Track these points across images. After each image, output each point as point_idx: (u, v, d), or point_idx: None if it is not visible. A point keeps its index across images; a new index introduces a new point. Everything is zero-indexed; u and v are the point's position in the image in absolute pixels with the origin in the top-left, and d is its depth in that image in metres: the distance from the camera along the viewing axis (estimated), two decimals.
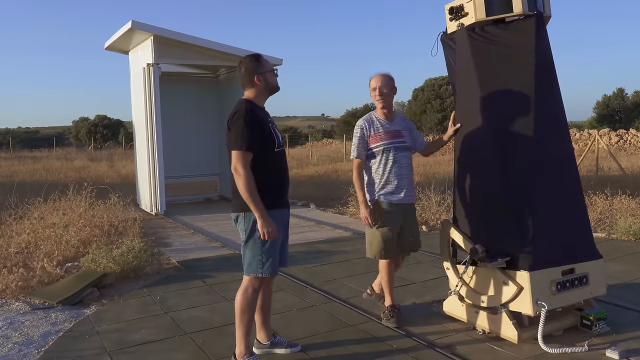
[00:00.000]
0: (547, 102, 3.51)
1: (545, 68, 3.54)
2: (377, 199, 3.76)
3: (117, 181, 14.42)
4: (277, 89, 3.22)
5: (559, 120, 3.58)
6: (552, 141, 3.50)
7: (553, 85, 3.57)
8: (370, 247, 3.80)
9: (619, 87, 44.37)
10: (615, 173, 13.72)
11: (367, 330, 3.75)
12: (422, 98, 41.21)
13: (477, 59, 3.64)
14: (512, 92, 3.52)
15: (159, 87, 9.05)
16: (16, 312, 4.33)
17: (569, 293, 3.41)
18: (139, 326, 3.94)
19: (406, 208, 3.81)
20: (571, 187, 3.56)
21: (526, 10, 3.51)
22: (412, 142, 3.89)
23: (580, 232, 3.57)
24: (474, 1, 3.60)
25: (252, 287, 3.11)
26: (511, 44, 3.57)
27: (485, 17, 3.60)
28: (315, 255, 6.03)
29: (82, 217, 6.98)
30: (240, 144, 2.95)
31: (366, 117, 3.83)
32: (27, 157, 28.00)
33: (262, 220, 2.95)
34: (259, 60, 3.14)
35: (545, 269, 3.32)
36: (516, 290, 3.31)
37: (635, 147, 26.19)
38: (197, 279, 5.17)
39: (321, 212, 9.27)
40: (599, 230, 6.93)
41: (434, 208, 8.19)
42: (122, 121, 55.19)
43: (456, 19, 3.75)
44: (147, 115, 9.16)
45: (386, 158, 3.73)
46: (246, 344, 3.13)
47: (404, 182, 3.78)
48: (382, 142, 3.73)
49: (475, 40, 3.67)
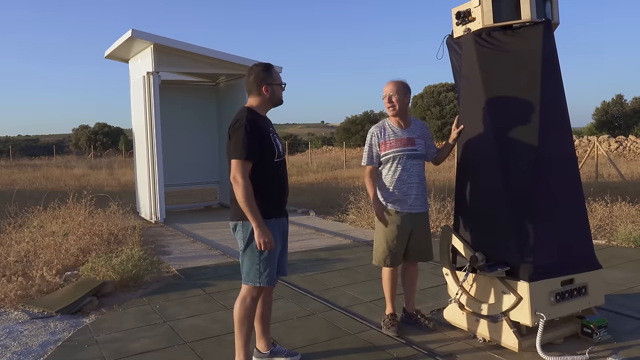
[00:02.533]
0: (553, 110, 3.50)
1: (552, 75, 3.52)
2: (387, 207, 3.74)
3: (117, 189, 14.42)
4: (280, 102, 3.23)
5: (565, 129, 3.56)
6: (556, 149, 3.48)
7: (559, 92, 3.55)
8: (376, 254, 3.81)
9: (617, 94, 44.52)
10: (615, 179, 13.73)
11: (367, 338, 3.74)
12: (422, 105, 41.24)
13: (483, 65, 3.61)
14: (518, 100, 3.49)
15: (158, 95, 9.08)
16: (15, 321, 4.31)
17: (568, 303, 3.40)
18: (138, 335, 3.92)
19: (416, 217, 3.75)
20: (574, 195, 3.55)
21: (534, 17, 3.47)
22: (424, 150, 3.81)
23: (581, 241, 3.55)
24: (482, 6, 3.56)
25: (251, 296, 3.10)
26: (518, 51, 3.54)
27: (493, 24, 3.57)
28: (315, 263, 6.02)
29: (82, 226, 6.97)
30: (240, 153, 2.95)
31: (379, 124, 3.82)
32: (27, 165, 28.00)
33: (259, 230, 2.95)
34: (269, 71, 3.15)
35: (545, 280, 3.30)
36: (515, 300, 3.30)
37: (635, 154, 26.21)
38: (196, 287, 5.16)
39: (321, 219, 9.27)
40: (599, 237, 6.92)
41: (433, 215, 8.19)
42: (122, 129, 55.24)
43: (463, 24, 3.72)
44: (146, 123, 9.18)
45: (396, 166, 3.70)
46: (245, 353, 3.12)
47: (413, 190, 3.72)
48: (392, 150, 3.70)
49: (482, 47, 3.64)
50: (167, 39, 8.99)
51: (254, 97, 3.17)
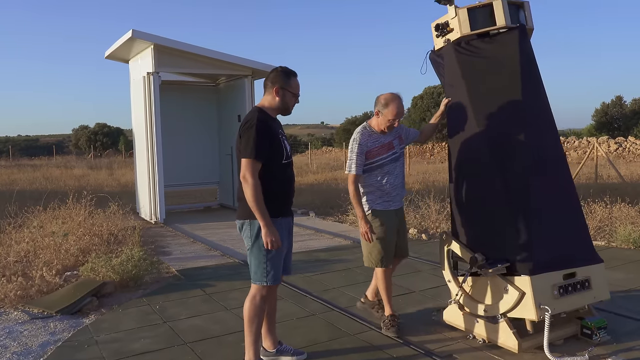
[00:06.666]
0: (536, 106, 3.63)
1: (531, 75, 3.67)
2: (374, 208, 3.79)
3: (117, 189, 14.42)
4: (288, 112, 3.24)
5: (548, 123, 3.69)
6: (544, 143, 3.59)
7: (539, 90, 3.70)
8: (370, 257, 3.82)
9: (617, 95, 44.45)
10: (615, 181, 13.73)
11: (366, 339, 3.74)
12: (422, 106, 41.29)
13: (465, 71, 3.77)
14: (501, 100, 3.63)
15: (159, 95, 9.08)
16: (15, 321, 4.31)
17: (573, 297, 3.40)
18: (138, 336, 3.92)
19: (399, 213, 3.94)
20: (566, 188, 3.63)
21: (509, 22, 3.65)
22: (403, 146, 3.98)
23: (579, 236, 3.59)
24: (459, 17, 3.75)
25: (260, 295, 3.13)
26: (497, 55, 3.73)
27: (470, 32, 3.75)
28: (314, 264, 6.02)
29: (82, 226, 6.97)
30: (250, 152, 2.97)
31: (362, 132, 3.81)
32: (26, 165, 27.99)
33: (267, 229, 2.97)
34: (288, 77, 3.16)
35: (546, 273, 3.32)
36: (518, 296, 3.30)
37: (634, 155, 26.24)
38: (196, 287, 5.16)
39: (321, 220, 9.27)
40: (599, 238, 6.92)
41: (433, 216, 8.20)
42: (122, 129, 55.21)
43: (442, 35, 3.91)
44: (147, 123, 9.18)
45: (382, 172, 3.78)
46: (255, 351, 3.15)
47: (398, 190, 3.88)
48: (378, 158, 3.78)
49: (461, 54, 3.81)
50: (167, 39, 8.99)
51: (266, 96, 3.19)
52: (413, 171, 19.68)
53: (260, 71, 9.86)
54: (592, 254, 3.60)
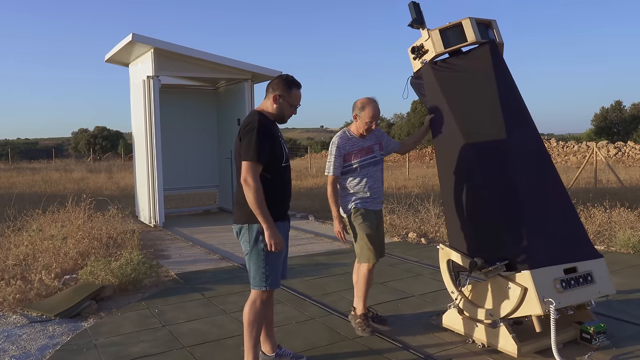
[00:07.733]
0: (514, 112, 3.81)
1: (505, 82, 3.90)
2: (354, 207, 3.90)
3: (116, 193, 14.42)
4: (283, 120, 3.25)
5: (526, 121, 3.88)
6: (523, 139, 3.76)
7: (516, 97, 3.91)
8: (362, 254, 3.90)
9: (616, 100, 44.60)
10: (614, 185, 13.75)
11: (365, 343, 3.74)
12: (421, 110, 41.33)
13: (444, 86, 4.00)
14: (480, 107, 3.83)
15: (158, 99, 9.09)
16: (13, 325, 4.31)
17: (577, 291, 3.40)
18: (137, 339, 3.92)
19: (378, 214, 4.05)
20: (556, 187, 3.71)
21: (479, 38, 3.95)
22: (383, 153, 4.07)
23: (575, 233, 3.63)
24: (432, 38, 4.05)
25: (260, 299, 3.14)
26: (471, 69, 3.98)
27: (444, 49, 4.02)
28: (314, 268, 6.02)
29: (81, 229, 6.97)
30: (252, 155, 2.97)
31: (342, 135, 3.96)
32: (26, 169, 27.98)
33: (270, 231, 2.98)
34: (290, 87, 3.16)
35: (546, 267, 3.34)
36: (521, 293, 3.29)
37: (634, 160, 26.27)
38: (195, 291, 5.15)
39: (320, 224, 9.27)
40: (598, 242, 6.92)
41: (432, 220, 8.20)
42: (121, 133, 55.24)
43: (419, 57, 4.19)
44: (146, 127, 9.18)
45: (361, 174, 3.91)
46: (254, 355, 3.16)
47: (378, 193, 3.99)
48: (357, 160, 3.90)
49: (439, 71, 4.06)
50: (167, 43, 9.01)
51: (266, 100, 3.20)
52: (412, 175, 19.70)
53: (260, 75, 9.88)
54: (590, 248, 3.63)
